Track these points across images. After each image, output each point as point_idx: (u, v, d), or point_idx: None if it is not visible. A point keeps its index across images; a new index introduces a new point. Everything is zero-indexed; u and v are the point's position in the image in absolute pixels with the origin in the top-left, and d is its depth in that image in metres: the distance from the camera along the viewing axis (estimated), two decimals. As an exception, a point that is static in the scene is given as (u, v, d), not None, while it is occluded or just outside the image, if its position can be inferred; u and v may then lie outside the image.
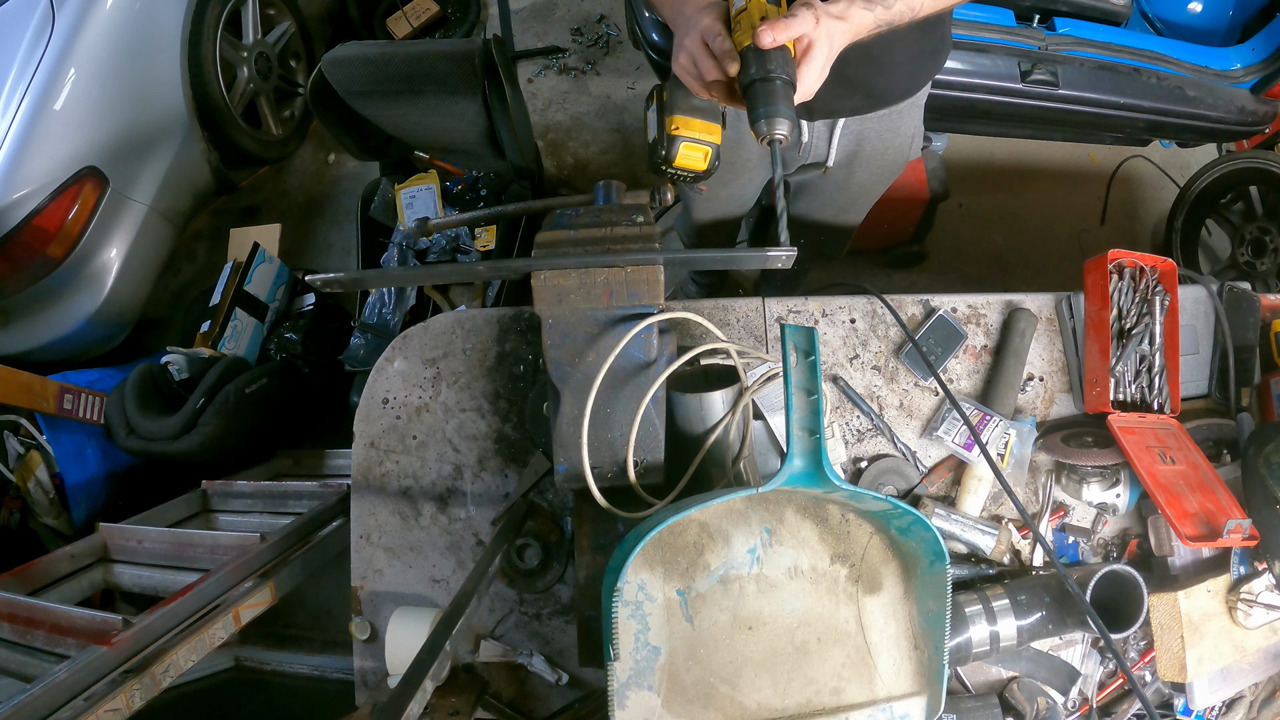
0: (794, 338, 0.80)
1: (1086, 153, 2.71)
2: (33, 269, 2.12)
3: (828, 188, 1.46)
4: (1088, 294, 1.20)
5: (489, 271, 0.93)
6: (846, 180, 1.42)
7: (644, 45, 2.02)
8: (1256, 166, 2.21)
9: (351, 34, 2.94)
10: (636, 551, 0.77)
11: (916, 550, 0.88)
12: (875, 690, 0.90)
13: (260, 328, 2.47)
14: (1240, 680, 1.12)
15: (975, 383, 1.22)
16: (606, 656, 0.77)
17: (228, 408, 1.97)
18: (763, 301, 1.23)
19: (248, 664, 2.00)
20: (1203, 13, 2.18)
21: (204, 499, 1.93)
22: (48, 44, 2.05)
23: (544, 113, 2.81)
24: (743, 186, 1.53)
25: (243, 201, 2.86)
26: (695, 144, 1.00)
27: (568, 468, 0.89)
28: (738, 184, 1.52)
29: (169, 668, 1.27)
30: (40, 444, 1.98)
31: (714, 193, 1.52)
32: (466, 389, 1.20)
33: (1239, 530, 1.03)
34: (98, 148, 2.14)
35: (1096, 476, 1.16)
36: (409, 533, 1.18)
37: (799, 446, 0.79)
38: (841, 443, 1.18)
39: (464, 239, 2.15)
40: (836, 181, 1.40)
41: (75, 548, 1.66)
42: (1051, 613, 1.05)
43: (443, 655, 0.79)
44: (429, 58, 1.71)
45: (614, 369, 0.86)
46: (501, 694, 1.15)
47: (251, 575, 1.50)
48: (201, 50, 2.37)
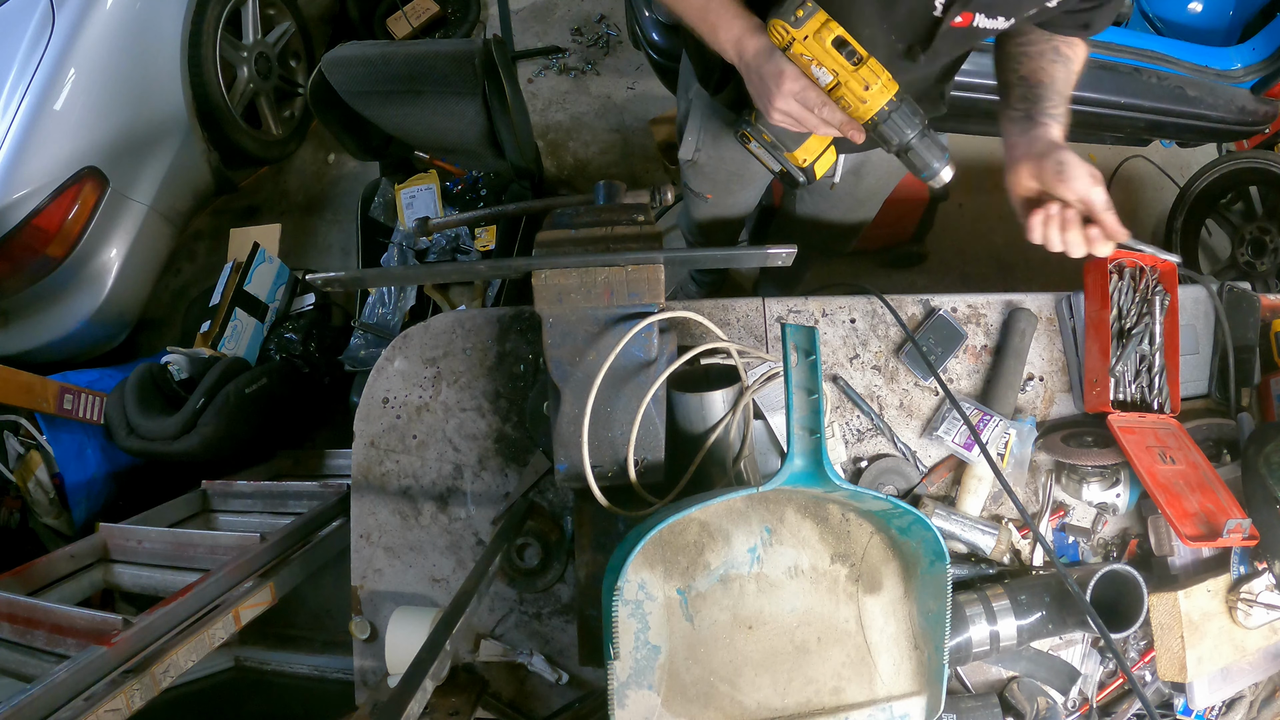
0: (794, 337, 0.80)
1: (1087, 153, 2.70)
2: (33, 269, 2.12)
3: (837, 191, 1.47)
4: (1088, 294, 1.20)
5: (489, 271, 0.94)
6: (855, 185, 1.44)
7: (644, 45, 2.02)
8: (1256, 166, 2.20)
9: (351, 34, 2.94)
10: (637, 551, 0.77)
11: (916, 550, 0.88)
12: (875, 690, 0.90)
13: (260, 328, 2.47)
14: (1240, 680, 1.12)
15: (975, 383, 1.22)
16: (606, 655, 0.77)
17: (228, 408, 1.97)
18: (763, 301, 1.23)
19: (248, 664, 2.00)
20: (1203, 12, 2.18)
21: (204, 499, 1.93)
22: (48, 44, 2.06)
23: (544, 113, 2.81)
24: (749, 194, 1.55)
25: (243, 201, 2.86)
26: (822, 157, 1.09)
27: (568, 467, 0.89)
28: (744, 193, 1.54)
29: (169, 668, 1.27)
30: (40, 444, 1.98)
31: (720, 200, 1.53)
32: (467, 388, 1.20)
33: (1239, 530, 1.03)
34: (98, 148, 2.15)
35: (1096, 476, 1.16)
36: (409, 532, 1.17)
37: (799, 446, 0.79)
38: (841, 442, 1.18)
39: (464, 239, 2.15)
40: (846, 186, 1.41)
41: (75, 548, 1.66)
42: (1051, 613, 1.05)
43: (443, 655, 0.79)
44: (429, 58, 1.71)
45: (614, 368, 0.86)
46: (501, 693, 1.15)
47: (251, 575, 1.50)
48: (201, 50, 2.37)
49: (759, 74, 0.90)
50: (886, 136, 0.88)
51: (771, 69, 0.88)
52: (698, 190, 1.49)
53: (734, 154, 1.34)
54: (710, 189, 1.49)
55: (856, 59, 0.84)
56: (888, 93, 0.85)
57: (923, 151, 0.89)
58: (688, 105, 1.33)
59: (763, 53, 0.89)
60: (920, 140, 0.88)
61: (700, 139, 1.34)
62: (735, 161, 1.38)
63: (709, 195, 1.50)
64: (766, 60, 0.89)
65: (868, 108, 0.86)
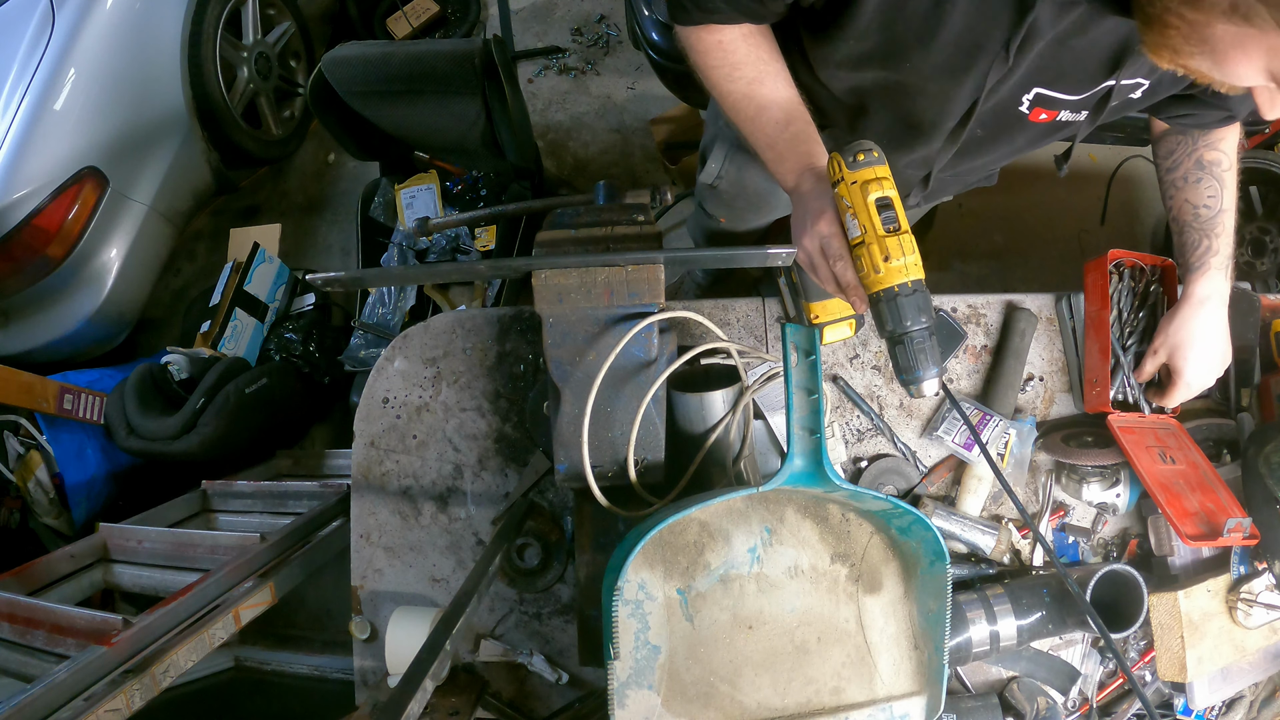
0: (794, 337, 0.80)
1: (1087, 153, 2.71)
2: (33, 269, 2.12)
3: None
4: (1088, 294, 1.20)
5: (489, 270, 0.94)
6: None
7: (644, 45, 2.02)
8: (1256, 166, 2.21)
9: (351, 34, 2.94)
10: (637, 550, 0.77)
11: (916, 550, 0.88)
12: (875, 690, 0.90)
13: (260, 328, 2.47)
14: (1240, 680, 1.12)
15: (975, 383, 1.22)
16: (606, 655, 0.77)
17: (228, 408, 1.97)
18: (763, 301, 1.23)
19: (248, 664, 2.00)
20: (1203, 13, 2.18)
21: (204, 499, 1.93)
22: (48, 44, 2.06)
23: (544, 113, 2.82)
24: (762, 219, 1.54)
25: (243, 201, 2.86)
26: (838, 324, 1.04)
27: (568, 467, 0.89)
28: (758, 219, 1.52)
29: (169, 668, 1.27)
30: (40, 444, 1.99)
31: (732, 223, 1.52)
32: (467, 388, 1.20)
33: (1239, 529, 1.03)
34: (98, 148, 2.15)
35: (1096, 476, 1.16)
36: (409, 532, 1.17)
37: (799, 446, 0.79)
38: (841, 442, 1.18)
39: (464, 239, 2.15)
40: None
41: (75, 548, 1.66)
42: (1051, 612, 1.05)
43: (443, 655, 0.79)
44: (429, 58, 1.72)
45: (614, 368, 0.86)
46: (501, 694, 1.15)
47: (251, 575, 1.50)
48: (201, 50, 2.37)
49: (804, 204, 0.85)
50: (884, 317, 0.78)
51: (816, 204, 0.82)
52: (712, 213, 1.47)
53: (756, 186, 1.32)
54: (725, 214, 1.47)
55: (893, 226, 0.76)
56: (906, 274, 0.77)
57: (914, 351, 0.79)
58: (716, 132, 1.31)
59: (816, 186, 0.84)
60: (917, 339, 0.78)
61: (724, 167, 1.31)
62: (756, 195, 1.36)
63: (723, 219, 1.49)
64: (815, 195, 0.83)
65: (879, 279, 0.77)
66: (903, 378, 0.80)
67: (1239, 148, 1.04)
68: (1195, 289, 1.06)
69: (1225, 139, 1.01)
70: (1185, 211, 1.03)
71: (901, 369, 0.80)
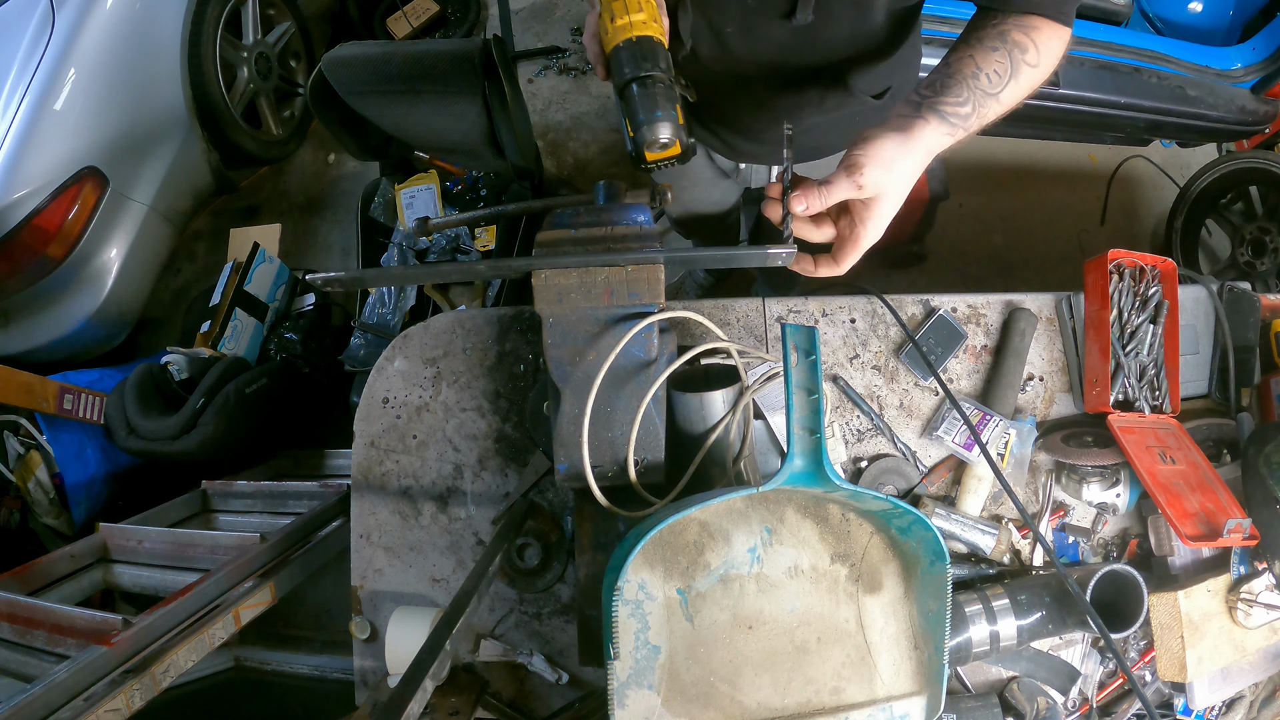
0: (794, 337, 0.80)
1: (1087, 153, 2.71)
2: (33, 269, 2.12)
3: None
4: (1088, 294, 1.20)
5: (489, 270, 0.94)
6: None
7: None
8: (1256, 166, 2.21)
9: (351, 34, 2.94)
10: (637, 550, 0.77)
11: (916, 550, 0.88)
12: (875, 690, 0.90)
13: (260, 328, 2.48)
14: (1240, 680, 1.12)
15: (975, 383, 1.22)
16: (606, 655, 0.76)
17: (228, 408, 1.97)
18: (763, 301, 1.23)
19: (248, 664, 2.00)
20: (1203, 12, 2.18)
21: (204, 499, 1.93)
22: (48, 44, 2.06)
23: (544, 113, 2.82)
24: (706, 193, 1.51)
25: (243, 201, 2.87)
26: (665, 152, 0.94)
27: (568, 467, 0.89)
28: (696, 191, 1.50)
29: (169, 668, 1.27)
30: (40, 444, 1.99)
31: (678, 196, 1.50)
32: (466, 388, 1.20)
33: (1239, 530, 1.03)
34: (98, 148, 2.15)
35: (1096, 476, 1.16)
36: (409, 532, 1.18)
37: (799, 446, 0.79)
38: (841, 442, 1.18)
39: (464, 239, 2.15)
40: None
41: (75, 548, 1.66)
42: (1051, 612, 1.05)
43: (443, 655, 0.79)
44: (429, 58, 1.71)
45: (614, 368, 0.86)
46: (501, 694, 1.15)
47: (251, 575, 1.50)
48: (201, 50, 2.37)
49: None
50: (611, 73, 0.78)
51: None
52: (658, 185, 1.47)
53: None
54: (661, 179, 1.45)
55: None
56: (630, 31, 0.76)
57: (637, 101, 0.76)
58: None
59: None
60: (639, 89, 0.75)
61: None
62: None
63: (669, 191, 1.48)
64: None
65: (608, 39, 0.77)
66: (633, 138, 0.77)
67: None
68: (924, 131, 0.81)
69: (1041, 30, 0.84)
70: (966, 65, 0.83)
71: (633, 121, 0.76)
